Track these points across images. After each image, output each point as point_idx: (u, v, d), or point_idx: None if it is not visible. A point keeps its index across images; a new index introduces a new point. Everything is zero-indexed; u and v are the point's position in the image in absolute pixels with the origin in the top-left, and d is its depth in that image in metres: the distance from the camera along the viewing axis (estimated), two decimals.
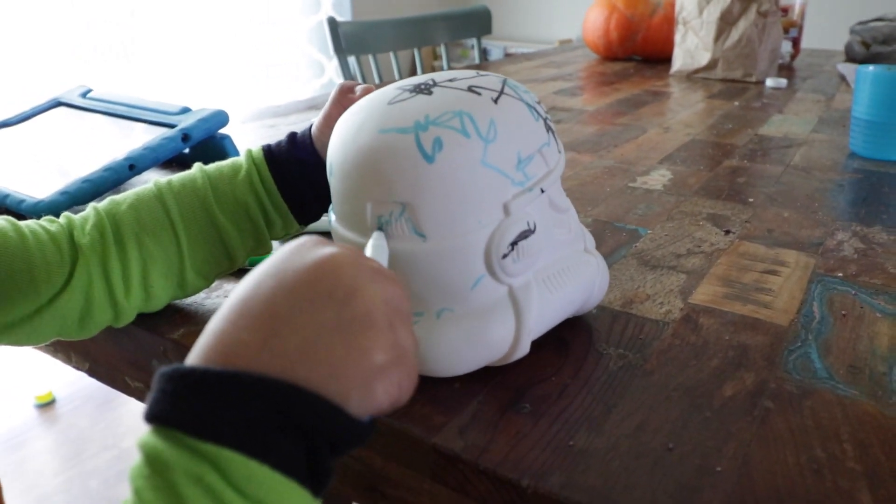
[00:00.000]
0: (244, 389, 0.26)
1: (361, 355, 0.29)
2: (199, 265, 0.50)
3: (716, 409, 0.41)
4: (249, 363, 0.27)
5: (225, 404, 0.26)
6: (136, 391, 0.56)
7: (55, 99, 0.90)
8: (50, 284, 0.45)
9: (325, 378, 0.28)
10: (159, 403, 0.26)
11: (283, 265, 0.30)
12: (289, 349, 0.28)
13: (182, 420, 0.26)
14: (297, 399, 0.27)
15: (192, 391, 0.26)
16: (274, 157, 0.52)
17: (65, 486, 1.51)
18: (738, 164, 0.91)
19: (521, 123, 0.43)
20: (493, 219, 0.41)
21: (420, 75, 0.47)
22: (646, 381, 0.44)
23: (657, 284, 0.57)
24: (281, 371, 0.27)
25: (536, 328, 0.45)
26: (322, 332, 0.28)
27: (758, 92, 1.43)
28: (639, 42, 1.77)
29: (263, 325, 0.28)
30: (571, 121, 1.17)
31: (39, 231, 0.46)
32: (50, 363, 1.80)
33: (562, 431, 0.40)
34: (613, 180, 0.84)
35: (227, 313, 0.29)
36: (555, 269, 0.45)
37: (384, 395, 0.30)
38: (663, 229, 0.69)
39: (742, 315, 0.52)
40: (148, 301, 0.49)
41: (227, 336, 0.28)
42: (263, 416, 0.26)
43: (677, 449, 0.38)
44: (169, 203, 0.49)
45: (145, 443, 0.26)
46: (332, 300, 0.29)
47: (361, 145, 0.41)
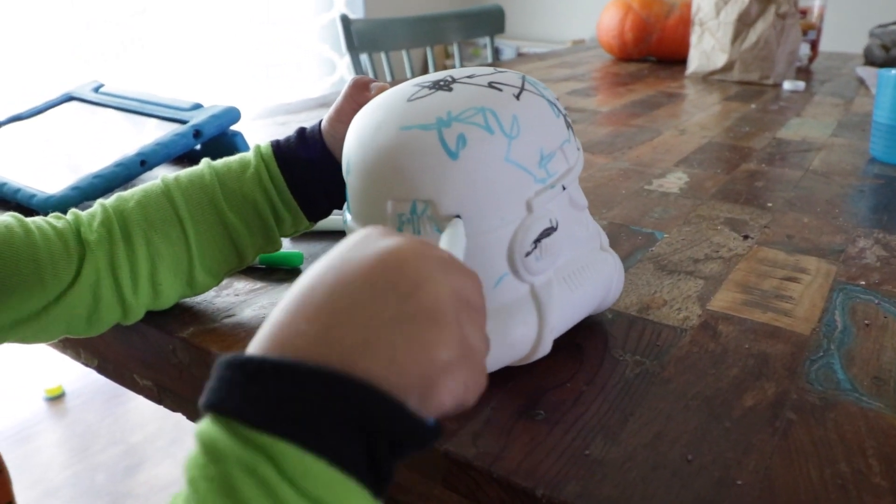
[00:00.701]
0: (301, 380, 0.25)
1: (423, 351, 0.27)
2: (207, 262, 0.50)
3: (736, 419, 0.40)
4: (307, 354, 0.26)
5: (281, 394, 0.25)
6: (145, 389, 0.55)
7: (67, 93, 0.90)
8: (57, 281, 0.44)
9: (385, 373, 0.27)
10: (217, 392, 0.26)
11: (347, 255, 0.29)
12: (348, 341, 0.27)
13: (238, 409, 0.25)
14: (354, 392, 0.26)
15: (250, 380, 0.25)
16: (283, 152, 0.52)
17: (72, 479, 1.51)
18: (755, 168, 0.90)
19: (543, 120, 0.42)
20: (516, 216, 0.40)
21: (436, 72, 0.46)
22: (663, 390, 0.43)
23: (674, 290, 0.56)
24: (339, 363, 0.26)
25: (558, 327, 0.44)
26: (383, 325, 0.27)
27: (775, 95, 1.41)
28: (654, 43, 1.76)
29: (323, 315, 0.27)
30: (585, 122, 1.16)
31: (46, 227, 0.45)
32: (60, 357, 1.81)
33: (577, 440, 0.39)
34: (629, 182, 0.83)
35: (288, 303, 0.28)
36: (574, 267, 0.45)
37: (448, 394, 0.28)
38: (680, 233, 0.67)
39: (762, 323, 0.51)
40: (156, 299, 0.49)
41: (287, 326, 0.27)
42: (321, 408, 0.25)
43: (696, 460, 0.37)
44: (177, 199, 0.49)
45: (201, 431, 0.25)
46: (395, 293, 0.28)
47: (382, 143, 0.40)
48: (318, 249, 0.64)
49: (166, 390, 0.54)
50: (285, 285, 0.57)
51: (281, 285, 0.57)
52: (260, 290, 0.56)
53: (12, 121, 0.85)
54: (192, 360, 0.49)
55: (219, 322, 0.51)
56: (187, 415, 0.53)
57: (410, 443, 0.27)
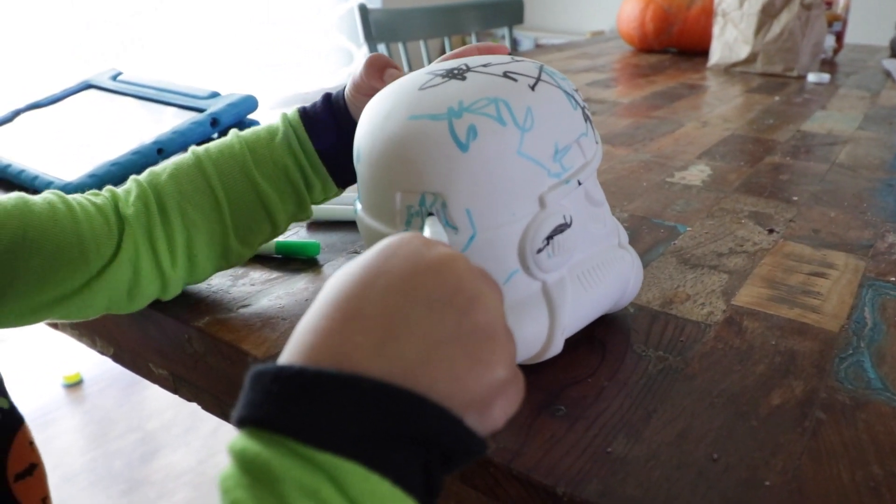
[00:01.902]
0: (363, 395, 0.24)
1: (483, 368, 0.27)
2: (241, 232, 0.50)
3: (763, 418, 0.39)
4: (364, 367, 0.25)
5: (342, 410, 0.23)
6: (161, 378, 0.55)
7: (85, 81, 0.90)
8: (99, 256, 0.45)
9: (447, 391, 0.25)
10: (263, 406, 0.24)
11: (392, 263, 0.27)
12: (408, 356, 0.25)
13: (294, 426, 0.23)
14: (420, 410, 0.24)
15: (305, 394, 0.23)
16: (310, 118, 0.51)
17: (90, 465, 1.53)
18: (780, 161, 0.88)
19: (559, 112, 0.41)
20: (527, 211, 0.39)
21: (451, 60, 0.45)
22: (687, 386, 0.42)
23: (698, 284, 0.54)
24: (401, 378, 0.25)
25: (570, 326, 0.43)
26: (442, 340, 0.26)
27: (799, 87, 1.38)
28: (675, 34, 1.73)
29: (379, 326, 0.26)
30: (605, 113, 1.14)
31: (86, 204, 0.46)
32: (78, 344, 1.82)
33: (599, 437, 0.38)
34: (650, 175, 0.82)
35: (330, 311, 0.26)
36: (589, 265, 0.43)
37: (501, 412, 0.28)
38: (703, 227, 0.66)
39: (789, 319, 0.49)
40: (193, 271, 0.49)
41: (337, 336, 0.25)
42: (384, 425, 0.24)
43: (722, 460, 0.36)
44: (208, 170, 0.48)
45: (244, 449, 0.23)
46: (452, 307, 0.27)
47: (391, 132, 0.39)
48: (334, 239, 0.63)
49: (182, 380, 0.53)
50: (301, 275, 0.56)
51: (297, 275, 0.56)
52: (276, 279, 0.56)
53: (31, 108, 0.85)
54: (208, 349, 0.49)
55: (235, 311, 0.51)
56: (202, 405, 0.53)
57: (463, 459, 0.26)
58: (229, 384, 0.49)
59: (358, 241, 0.63)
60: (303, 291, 0.54)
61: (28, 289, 0.43)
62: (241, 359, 0.47)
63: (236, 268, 0.57)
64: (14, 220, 0.42)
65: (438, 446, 0.25)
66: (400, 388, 0.24)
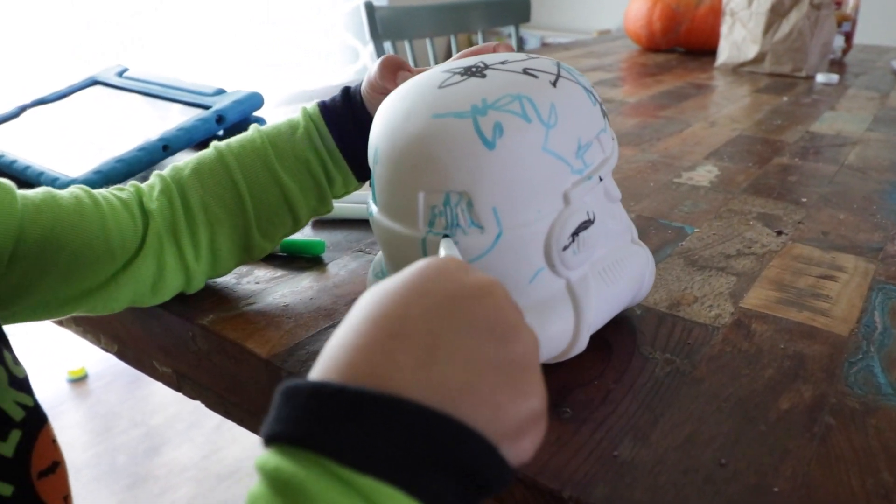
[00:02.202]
0: (406, 419, 0.23)
1: (522, 398, 0.26)
2: (264, 226, 0.50)
3: (771, 423, 0.39)
4: (404, 389, 0.24)
5: (385, 433, 0.23)
6: (164, 376, 0.55)
7: (92, 77, 0.90)
8: (124, 251, 0.45)
9: (488, 419, 0.25)
10: (301, 424, 0.23)
11: (433, 286, 0.27)
12: (450, 380, 0.25)
13: (333, 446, 0.22)
14: (462, 438, 0.24)
15: (346, 414, 0.23)
16: (330, 112, 0.51)
17: (94, 460, 1.53)
18: (788, 162, 0.87)
19: (580, 108, 0.40)
20: (553, 208, 0.39)
21: (467, 58, 0.44)
22: (695, 390, 0.41)
23: (706, 286, 0.54)
24: (441, 404, 0.24)
25: (594, 322, 0.43)
26: (485, 368, 0.25)
27: (807, 87, 1.37)
28: (682, 33, 1.72)
29: (421, 348, 0.25)
30: (612, 112, 1.13)
31: (112, 199, 0.46)
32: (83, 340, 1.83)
33: (605, 440, 0.37)
34: (657, 175, 0.81)
35: (369, 328, 0.25)
36: (609, 261, 0.43)
37: (531, 444, 0.27)
38: (711, 228, 0.66)
39: (798, 322, 0.49)
40: (216, 265, 0.50)
41: (376, 355, 0.25)
42: (426, 451, 0.23)
43: (730, 465, 0.35)
44: (231, 165, 0.49)
45: (277, 468, 0.22)
46: (493, 335, 0.26)
47: (413, 131, 0.39)
48: (339, 238, 0.63)
49: (185, 377, 0.53)
50: (306, 273, 0.56)
51: (302, 273, 0.56)
52: (281, 278, 0.55)
53: (37, 104, 0.85)
54: (212, 347, 0.49)
55: (239, 310, 0.50)
56: (206, 403, 0.53)
57: (494, 489, 0.26)
58: (233, 382, 0.49)
59: (363, 239, 0.63)
60: (307, 290, 0.53)
61: (55, 283, 0.43)
62: (245, 357, 0.46)
63: (240, 266, 0.57)
64: (43, 215, 0.42)
65: (474, 475, 0.24)
66: (442, 414, 0.24)
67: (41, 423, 0.38)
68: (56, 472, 0.38)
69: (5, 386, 0.36)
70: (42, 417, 0.38)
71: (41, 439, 0.37)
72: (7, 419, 0.36)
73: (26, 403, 0.37)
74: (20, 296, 0.43)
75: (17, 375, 0.37)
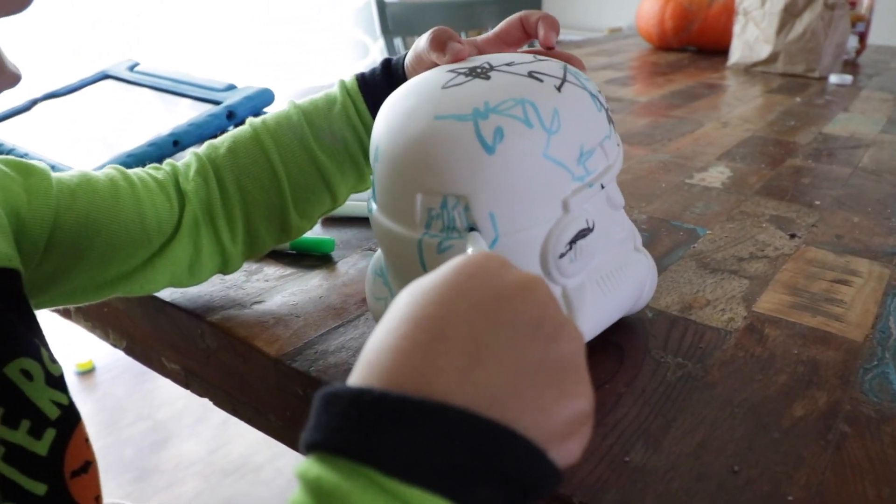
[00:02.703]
0: (450, 426, 0.22)
1: (571, 401, 0.25)
2: (301, 205, 0.49)
3: (785, 430, 0.38)
4: (449, 394, 0.23)
5: (429, 442, 0.22)
6: (172, 373, 0.55)
7: (103, 72, 0.90)
8: (161, 233, 0.45)
9: (534, 422, 0.24)
10: (342, 432, 0.22)
11: (473, 284, 0.26)
12: (495, 384, 0.24)
13: (377, 456, 0.21)
14: (509, 444, 0.23)
15: (389, 422, 0.22)
16: (369, 87, 0.50)
17: (100, 453, 1.53)
18: (801, 164, 0.87)
19: (585, 114, 0.40)
20: (551, 215, 0.38)
21: (473, 57, 0.44)
22: (707, 395, 0.41)
23: (718, 289, 0.53)
24: (487, 408, 0.23)
25: (590, 331, 0.42)
26: (530, 369, 0.24)
27: (820, 88, 1.36)
28: (694, 32, 1.71)
29: (464, 351, 0.24)
30: (623, 111, 1.13)
31: (148, 179, 0.46)
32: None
33: (616, 445, 0.37)
34: (669, 176, 0.81)
35: (410, 330, 0.24)
36: (608, 270, 0.43)
37: (578, 445, 0.27)
38: (723, 230, 0.65)
39: (811, 327, 0.48)
40: (253, 245, 0.49)
41: (419, 358, 0.24)
42: (472, 459, 0.22)
43: (743, 472, 0.35)
44: (266, 143, 0.48)
45: (319, 478, 0.21)
46: (539, 334, 0.25)
47: (414, 132, 0.38)
48: (349, 236, 0.62)
49: (193, 375, 0.53)
50: (315, 272, 0.56)
51: (311, 272, 0.56)
52: (290, 276, 0.55)
53: (48, 98, 0.85)
54: (220, 345, 0.49)
55: (248, 308, 0.50)
56: (213, 400, 0.52)
57: (541, 493, 0.25)
58: (241, 381, 0.49)
59: (373, 237, 0.62)
60: (317, 288, 0.53)
61: (92, 268, 0.43)
62: (253, 356, 0.46)
63: (250, 263, 0.57)
64: (79, 201, 0.42)
65: (521, 481, 0.24)
66: (488, 420, 0.23)
67: (75, 421, 0.37)
68: (88, 471, 0.38)
69: (42, 384, 0.36)
70: (76, 416, 0.38)
71: (75, 438, 0.37)
72: (43, 417, 0.35)
73: (62, 402, 0.37)
74: (57, 281, 0.42)
75: (54, 374, 0.37)
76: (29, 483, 0.34)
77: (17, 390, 0.35)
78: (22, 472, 0.34)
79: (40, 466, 0.35)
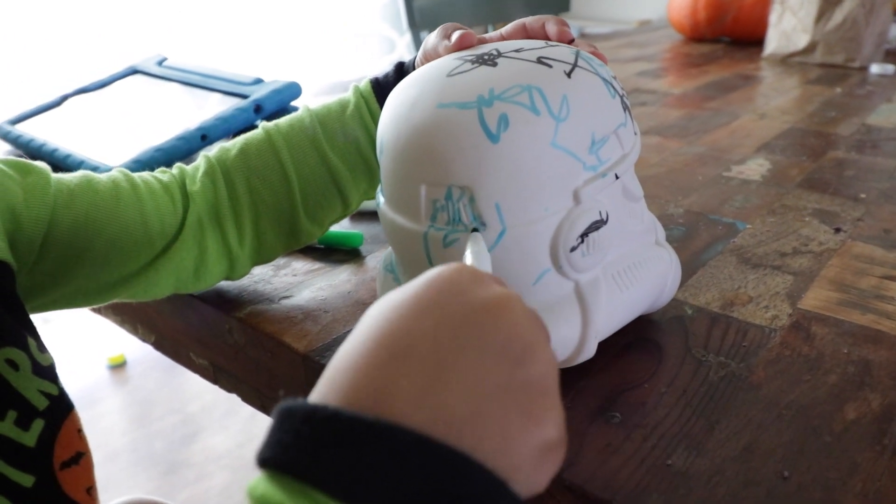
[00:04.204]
0: (402, 449, 0.21)
1: (538, 428, 0.24)
2: (311, 209, 0.48)
3: (837, 434, 0.36)
4: (405, 415, 0.22)
5: (379, 465, 0.21)
6: (201, 368, 0.54)
7: (132, 67, 0.90)
8: (163, 235, 0.44)
9: (495, 450, 0.23)
10: (290, 449, 0.21)
11: (441, 299, 0.25)
12: (455, 407, 0.23)
13: (322, 477, 0.21)
14: (464, 471, 0.22)
15: (338, 442, 0.21)
16: (382, 88, 0.49)
17: (131, 445, 1.55)
18: (844, 156, 0.83)
19: (596, 101, 0.38)
20: (561, 207, 0.37)
21: (481, 45, 0.42)
22: (752, 396, 0.39)
23: (760, 285, 0.51)
24: (445, 433, 0.22)
25: (604, 329, 0.40)
26: (494, 393, 0.23)
27: (861, 78, 1.32)
28: (728, 22, 1.67)
29: (426, 371, 0.23)
30: (656, 104, 1.10)
31: (152, 181, 0.45)
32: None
33: (657, 448, 0.35)
34: (705, 169, 0.78)
35: (373, 347, 0.23)
36: (625, 264, 0.41)
37: (545, 475, 0.25)
38: (764, 224, 0.63)
39: (861, 325, 0.46)
40: (262, 250, 0.48)
41: (376, 377, 0.23)
42: (423, 484, 0.21)
43: (794, 478, 0.33)
44: (278, 144, 0.47)
45: (265, 496, 0.21)
46: (506, 356, 0.24)
47: (417, 122, 0.37)
48: (377, 230, 0.61)
49: (221, 370, 0.52)
50: (344, 266, 0.55)
51: (340, 266, 0.55)
52: (318, 270, 0.54)
53: (78, 93, 0.86)
54: (248, 340, 0.48)
55: (276, 303, 0.50)
56: (242, 396, 0.52)
57: None
58: (269, 377, 0.48)
59: None
60: (345, 283, 0.52)
61: (93, 269, 0.42)
62: (281, 352, 0.45)
63: (278, 258, 0.56)
64: (77, 201, 0.41)
65: None
66: (443, 444, 0.22)
67: (66, 412, 0.37)
68: (80, 462, 0.37)
69: (29, 374, 0.35)
70: (67, 406, 0.37)
71: (65, 429, 0.36)
72: (30, 408, 0.35)
73: (50, 392, 0.36)
74: (57, 282, 0.42)
75: (42, 363, 0.36)
76: (16, 474, 0.34)
77: (2, 380, 0.34)
78: (8, 464, 0.34)
79: (28, 458, 0.34)
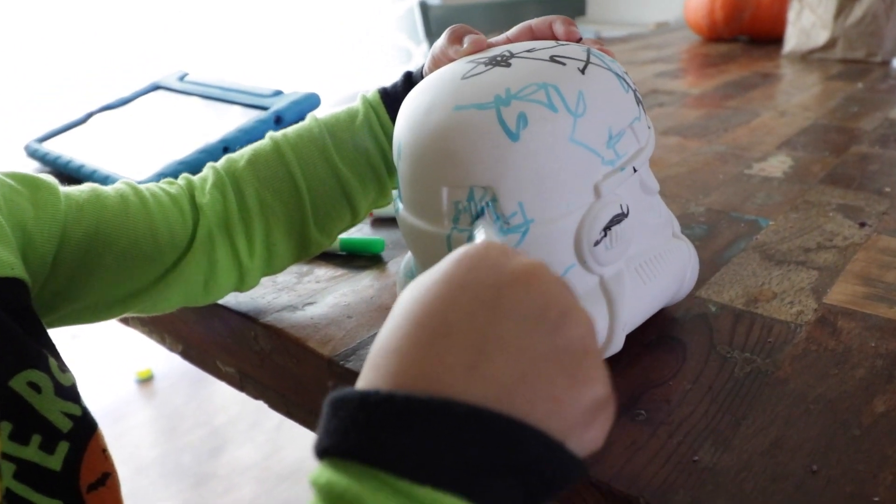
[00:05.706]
0: (459, 422, 0.22)
1: (585, 388, 0.24)
2: (321, 220, 0.48)
3: (866, 427, 0.36)
4: (457, 390, 0.22)
5: (438, 440, 0.21)
6: (227, 376, 0.55)
7: (154, 83, 0.92)
8: (173, 248, 0.44)
9: (547, 413, 0.23)
10: (350, 436, 0.22)
11: (474, 276, 0.25)
12: (503, 376, 0.23)
13: (387, 457, 0.21)
14: (521, 437, 0.22)
15: (397, 423, 0.21)
16: (390, 98, 0.49)
17: (160, 459, 1.57)
18: (868, 151, 0.82)
19: (611, 95, 0.38)
20: (582, 202, 0.37)
21: (493, 48, 0.43)
22: (779, 391, 0.39)
23: (785, 281, 0.51)
24: (497, 402, 0.23)
25: (630, 321, 0.40)
26: (537, 359, 0.23)
27: (883, 73, 1.30)
28: (746, 21, 1.66)
29: (469, 345, 0.23)
30: (675, 104, 1.10)
31: (160, 193, 0.45)
32: (149, 342, 1.88)
33: (684, 444, 0.35)
34: (726, 167, 0.78)
35: (413, 329, 0.24)
36: (646, 257, 0.41)
37: (600, 431, 0.26)
38: (787, 220, 0.62)
39: (888, 319, 0.45)
40: (271, 261, 0.48)
41: (423, 357, 0.23)
42: (483, 454, 0.22)
43: (822, 472, 0.33)
44: (287, 155, 0.47)
45: (330, 483, 0.21)
46: (544, 322, 0.24)
47: (435, 124, 0.37)
48: (398, 236, 0.62)
49: (248, 377, 0.53)
50: (366, 272, 0.55)
51: (362, 272, 0.56)
52: (341, 276, 0.55)
53: (103, 110, 0.88)
54: (274, 347, 0.48)
55: (300, 309, 0.50)
56: (269, 402, 0.52)
57: (563, 484, 0.24)
58: (295, 383, 0.48)
59: None
60: (368, 289, 0.53)
61: (103, 284, 0.42)
62: (306, 357, 0.46)
63: (301, 264, 0.57)
64: (87, 215, 0.41)
65: (539, 473, 0.23)
66: (498, 413, 0.22)
67: (90, 432, 0.36)
68: (106, 483, 0.37)
69: (51, 396, 0.34)
70: (91, 426, 0.36)
71: (90, 450, 0.36)
72: (54, 431, 0.34)
73: (73, 413, 0.35)
74: (68, 298, 0.42)
75: (64, 384, 0.35)
76: (43, 500, 0.33)
77: (26, 404, 0.33)
78: (35, 490, 0.33)
79: (54, 482, 0.34)
